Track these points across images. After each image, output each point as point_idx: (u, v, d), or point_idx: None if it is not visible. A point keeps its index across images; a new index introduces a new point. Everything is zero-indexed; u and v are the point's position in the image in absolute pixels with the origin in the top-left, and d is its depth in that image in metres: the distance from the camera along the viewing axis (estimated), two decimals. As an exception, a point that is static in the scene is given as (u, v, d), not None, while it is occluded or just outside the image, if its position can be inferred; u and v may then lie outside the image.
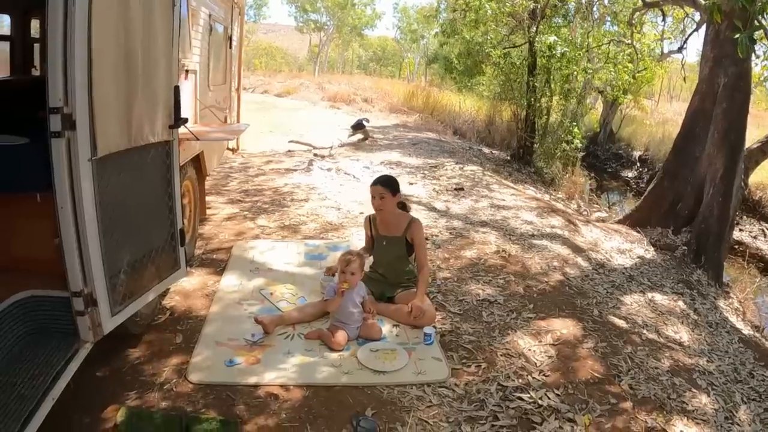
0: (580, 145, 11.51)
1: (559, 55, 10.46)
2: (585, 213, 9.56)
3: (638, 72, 13.82)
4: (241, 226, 5.31)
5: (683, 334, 4.19)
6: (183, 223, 2.96)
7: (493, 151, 13.51)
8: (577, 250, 5.59)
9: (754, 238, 9.87)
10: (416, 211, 6.21)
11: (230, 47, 5.55)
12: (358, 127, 11.51)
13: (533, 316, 3.91)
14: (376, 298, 3.61)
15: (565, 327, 3.79)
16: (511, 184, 9.00)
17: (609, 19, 14.44)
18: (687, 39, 10.68)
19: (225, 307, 3.56)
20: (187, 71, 3.85)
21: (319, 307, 3.38)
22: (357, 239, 5.02)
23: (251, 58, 47.20)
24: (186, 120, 2.82)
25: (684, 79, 11.59)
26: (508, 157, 12.56)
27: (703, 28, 8.33)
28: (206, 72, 4.55)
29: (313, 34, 43.74)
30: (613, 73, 13.18)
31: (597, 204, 11.42)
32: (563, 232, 6.07)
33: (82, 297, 2.27)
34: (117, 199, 2.40)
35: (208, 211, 5.67)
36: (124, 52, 2.34)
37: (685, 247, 6.84)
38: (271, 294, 3.73)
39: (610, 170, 16.95)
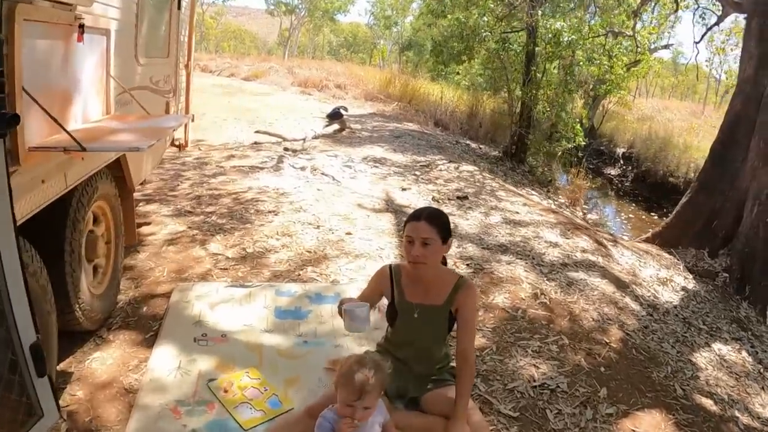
0: (583, 143, 10.39)
1: (565, 44, 9.23)
2: (579, 216, 8.51)
3: (632, 65, 13.09)
4: (186, 255, 3.84)
5: (771, 408, 3.46)
6: (38, 336, 1.41)
7: (480, 146, 12.31)
8: (620, 285, 4.59)
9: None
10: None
11: (178, 7, 3.99)
12: (334, 116, 10.13)
13: (613, 413, 2.73)
14: (391, 396, 2.24)
15: (656, 426, 2.74)
16: (515, 189, 7.82)
17: (594, 8, 13.51)
18: (707, 32, 9.59)
19: (152, 419, 2.14)
20: (82, 28, 2.20)
21: (303, 427, 2.00)
22: (348, 280, 3.67)
23: (220, 41, 45.07)
24: (17, 121, 1.30)
25: (697, 77, 10.66)
26: (499, 153, 11.35)
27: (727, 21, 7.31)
28: (132, 36, 2.96)
29: (284, 17, 41.63)
30: (606, 65, 12.26)
31: (586, 206, 10.38)
32: (596, 259, 5.00)
33: None
34: None
35: (146, 229, 4.23)
36: None
37: (726, 274, 5.94)
38: (225, 391, 2.32)
39: (591, 167, 15.99)
